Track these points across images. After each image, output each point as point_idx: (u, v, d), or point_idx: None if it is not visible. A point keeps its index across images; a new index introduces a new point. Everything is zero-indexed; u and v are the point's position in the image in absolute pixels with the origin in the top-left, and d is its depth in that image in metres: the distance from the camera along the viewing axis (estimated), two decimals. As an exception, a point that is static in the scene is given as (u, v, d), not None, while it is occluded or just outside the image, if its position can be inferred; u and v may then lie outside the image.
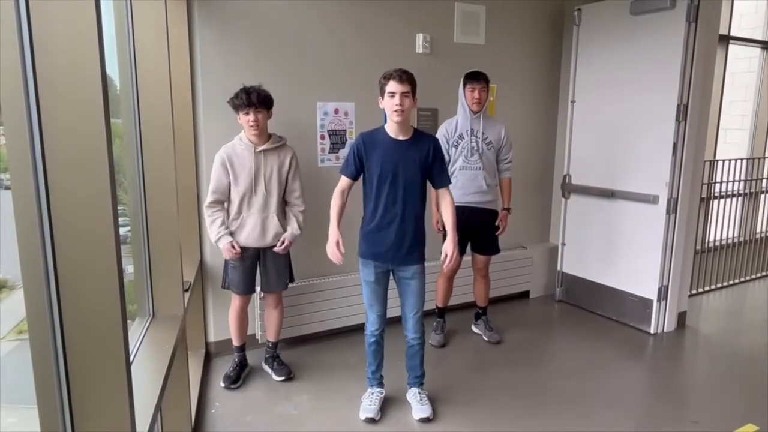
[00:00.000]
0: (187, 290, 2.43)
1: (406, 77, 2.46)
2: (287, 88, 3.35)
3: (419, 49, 3.78)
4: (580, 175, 4.26)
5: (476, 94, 3.29)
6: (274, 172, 2.89)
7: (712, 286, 4.88)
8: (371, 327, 2.73)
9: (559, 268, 4.49)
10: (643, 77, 3.71)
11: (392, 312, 2.84)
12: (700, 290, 4.76)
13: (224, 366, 3.24)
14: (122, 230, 1.57)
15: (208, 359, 3.35)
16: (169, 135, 2.09)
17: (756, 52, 6.07)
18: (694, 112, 3.58)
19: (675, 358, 3.59)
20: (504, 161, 3.50)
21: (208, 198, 2.87)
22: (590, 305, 4.25)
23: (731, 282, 5.05)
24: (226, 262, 2.99)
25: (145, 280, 2.10)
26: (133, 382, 1.27)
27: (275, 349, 3.19)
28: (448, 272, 3.50)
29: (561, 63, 4.44)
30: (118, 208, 1.21)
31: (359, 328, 3.65)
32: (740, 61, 6.25)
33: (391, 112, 2.49)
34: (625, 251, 3.94)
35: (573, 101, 4.25)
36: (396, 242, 2.57)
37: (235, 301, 3.05)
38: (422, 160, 2.55)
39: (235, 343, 3.13)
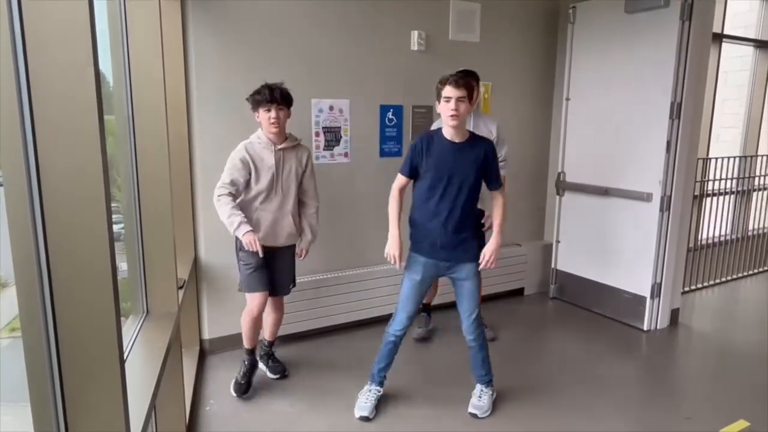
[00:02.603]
0: (181, 287, 2.43)
1: (462, 82, 2.46)
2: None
3: (414, 47, 3.77)
4: (575, 172, 4.28)
5: None
6: (292, 171, 2.82)
7: (705, 284, 4.91)
8: (396, 326, 2.72)
9: (553, 266, 4.50)
10: (637, 75, 3.72)
11: (386, 309, 2.84)
12: (693, 287, 4.79)
13: (219, 363, 3.25)
14: (116, 227, 1.56)
15: (202, 356, 3.34)
16: (163, 132, 2.09)
17: (749, 50, 6.10)
18: (688, 110, 3.59)
19: (668, 354, 3.61)
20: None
21: (220, 188, 2.70)
22: (584, 302, 4.27)
23: (724, 279, 5.09)
24: (238, 264, 2.86)
25: (139, 278, 2.10)
26: (127, 379, 1.26)
27: (271, 348, 3.16)
28: None
29: (556, 60, 4.45)
30: (112, 205, 1.20)
31: (356, 326, 3.68)
32: (733, 60, 6.28)
33: (446, 117, 2.50)
34: (618, 249, 3.96)
35: (567, 99, 4.26)
36: (449, 241, 2.59)
37: (254, 300, 2.85)
38: (477, 163, 2.58)
39: (248, 345, 2.97)
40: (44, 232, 1.10)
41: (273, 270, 2.90)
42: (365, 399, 2.76)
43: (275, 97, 2.68)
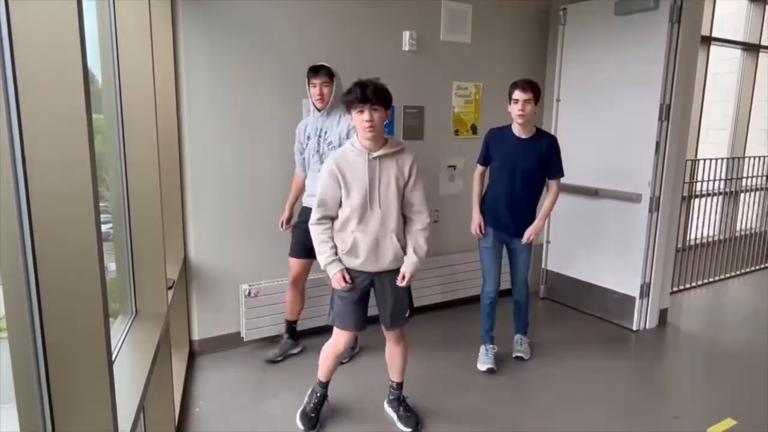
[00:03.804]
0: (170, 288, 2.41)
1: (529, 87, 2.92)
2: (273, 87, 3.33)
3: (406, 47, 3.78)
4: (565, 173, 4.28)
5: (317, 90, 2.94)
6: (392, 182, 2.37)
7: (693, 284, 4.96)
8: (487, 290, 3.24)
9: (543, 266, 4.52)
10: (626, 77, 3.75)
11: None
12: (682, 287, 4.83)
13: (209, 364, 3.23)
14: (104, 227, 1.55)
15: (192, 357, 3.32)
16: (153, 131, 2.07)
17: (737, 53, 6.17)
18: (677, 111, 3.63)
19: (657, 354, 3.64)
20: None
21: (314, 213, 2.41)
22: (574, 302, 4.30)
23: (712, 279, 5.13)
24: (335, 293, 2.52)
25: (128, 278, 2.08)
26: (116, 380, 1.25)
27: (400, 391, 2.71)
28: (292, 278, 3.20)
29: (546, 62, 4.47)
30: (101, 204, 1.19)
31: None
32: (721, 62, 6.35)
33: (515, 116, 2.96)
34: (608, 249, 3.99)
35: (558, 100, 4.28)
36: (512, 219, 3.09)
37: (340, 337, 2.53)
38: (539, 156, 3.03)
39: (323, 379, 2.66)
40: (31, 231, 1.09)
41: (383, 297, 2.51)
42: (486, 356, 3.24)
43: (368, 95, 2.25)
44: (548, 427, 2.68)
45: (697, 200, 5.04)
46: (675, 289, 4.63)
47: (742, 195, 5.63)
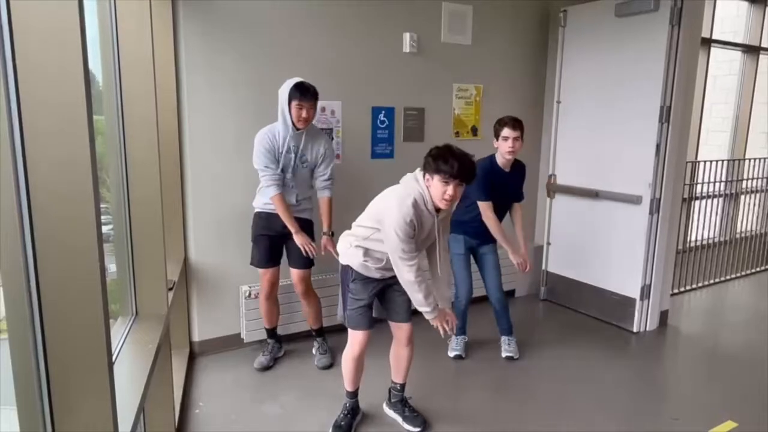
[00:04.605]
0: (171, 289, 2.41)
1: (518, 124, 3.12)
2: (273, 87, 3.32)
3: (406, 49, 3.78)
4: (566, 175, 4.30)
5: (304, 113, 2.91)
6: (439, 235, 2.51)
7: (694, 286, 4.95)
8: (463, 298, 3.36)
9: (544, 268, 4.52)
10: (627, 78, 3.75)
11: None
12: (682, 289, 4.83)
13: (209, 365, 3.23)
14: (105, 228, 1.55)
15: (192, 358, 3.32)
16: (153, 132, 2.07)
17: (737, 55, 6.17)
18: (677, 113, 3.63)
19: (657, 356, 3.64)
20: (320, 177, 3.11)
21: (407, 258, 2.34)
22: (574, 304, 4.29)
23: (712, 281, 5.13)
24: (344, 294, 2.59)
25: (129, 279, 2.08)
26: (116, 382, 1.25)
27: (403, 392, 2.74)
28: (269, 288, 3.18)
29: (547, 64, 4.47)
30: (101, 205, 1.19)
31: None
32: (722, 64, 6.35)
33: (504, 152, 3.14)
34: (608, 251, 3.99)
35: (558, 101, 4.28)
36: (483, 231, 3.24)
37: (357, 338, 2.54)
38: (519, 185, 3.36)
39: (350, 388, 2.66)
40: (32, 232, 1.09)
41: (393, 296, 2.60)
42: (456, 344, 3.44)
43: (463, 174, 2.24)
44: (548, 428, 2.68)
45: (697, 202, 5.04)
46: (675, 291, 4.63)
47: (743, 197, 5.63)
